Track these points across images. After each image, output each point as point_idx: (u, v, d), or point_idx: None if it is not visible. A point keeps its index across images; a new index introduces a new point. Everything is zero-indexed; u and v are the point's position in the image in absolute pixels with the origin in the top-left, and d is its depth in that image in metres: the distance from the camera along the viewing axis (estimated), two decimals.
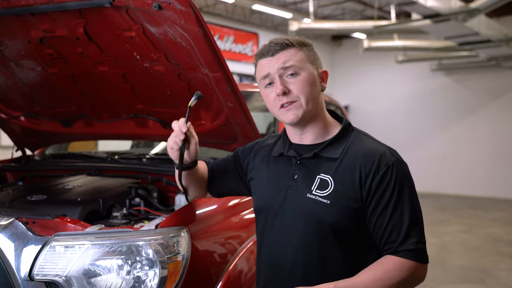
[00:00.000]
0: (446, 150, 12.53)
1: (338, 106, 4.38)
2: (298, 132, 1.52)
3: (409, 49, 11.21)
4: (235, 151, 1.76)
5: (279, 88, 1.43)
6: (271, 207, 1.52)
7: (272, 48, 1.47)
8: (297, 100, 1.44)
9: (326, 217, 1.41)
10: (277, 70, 1.45)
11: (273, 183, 1.55)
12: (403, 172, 1.42)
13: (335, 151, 1.46)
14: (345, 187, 1.41)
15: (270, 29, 12.65)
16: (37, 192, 2.20)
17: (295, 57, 1.46)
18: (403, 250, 1.37)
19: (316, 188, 1.44)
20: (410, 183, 1.43)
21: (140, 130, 2.63)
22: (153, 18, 1.84)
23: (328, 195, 1.42)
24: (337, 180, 1.42)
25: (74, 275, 1.51)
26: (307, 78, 1.45)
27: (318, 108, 1.49)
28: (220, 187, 1.74)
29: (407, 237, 1.38)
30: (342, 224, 1.41)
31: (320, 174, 1.45)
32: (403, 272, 1.36)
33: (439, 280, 5.09)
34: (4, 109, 2.75)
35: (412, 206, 1.41)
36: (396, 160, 1.43)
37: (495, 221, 8.61)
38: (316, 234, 1.43)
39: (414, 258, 1.37)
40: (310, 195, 1.44)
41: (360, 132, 1.54)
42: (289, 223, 1.47)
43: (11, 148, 3.00)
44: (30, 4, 1.93)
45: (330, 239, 1.42)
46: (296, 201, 1.47)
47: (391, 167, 1.40)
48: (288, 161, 1.54)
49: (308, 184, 1.46)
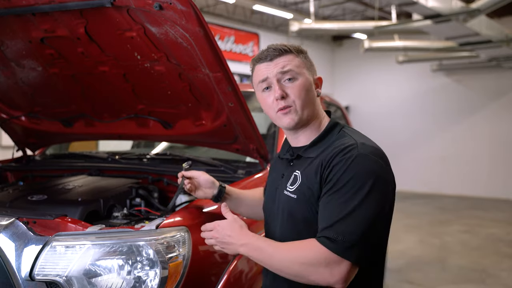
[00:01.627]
0: (446, 151, 12.53)
1: (339, 106, 4.38)
2: (292, 135, 1.58)
3: (409, 49, 11.20)
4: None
5: (278, 92, 1.47)
6: (268, 207, 1.64)
7: (270, 53, 1.51)
8: (292, 105, 1.48)
9: (296, 212, 1.46)
10: (276, 74, 1.49)
11: (271, 185, 1.66)
12: (363, 166, 1.34)
13: (314, 151, 1.50)
14: (309, 181, 1.44)
15: (270, 30, 12.65)
16: (38, 192, 2.20)
17: (293, 63, 1.50)
18: (322, 236, 1.32)
19: (290, 184, 1.51)
20: (368, 181, 1.32)
21: (140, 130, 2.63)
22: (154, 18, 1.84)
23: (294, 190, 1.48)
24: (303, 175, 1.47)
25: (75, 275, 1.51)
26: (304, 83, 1.50)
27: (314, 113, 1.53)
28: None
29: (333, 225, 1.30)
30: (311, 218, 1.42)
31: (295, 171, 1.51)
32: (311, 254, 1.30)
33: (439, 280, 5.09)
34: (5, 109, 2.75)
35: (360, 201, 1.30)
36: (360, 153, 1.36)
37: (496, 221, 8.60)
38: (292, 228, 1.48)
39: (329, 246, 1.29)
40: (285, 192, 1.51)
41: (348, 131, 1.52)
42: (276, 221, 1.55)
43: (11, 148, 3.00)
44: (31, 4, 1.93)
45: (304, 233, 1.43)
46: (280, 199, 1.54)
47: (349, 158, 1.35)
48: (284, 163, 1.63)
49: (286, 182, 1.53)
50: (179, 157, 2.60)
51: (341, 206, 1.32)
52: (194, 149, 3.06)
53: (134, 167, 2.56)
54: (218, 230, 1.49)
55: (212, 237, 1.51)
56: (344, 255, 1.29)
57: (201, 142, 2.61)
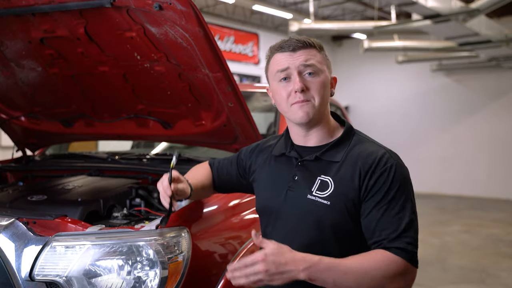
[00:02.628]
0: (446, 151, 12.54)
1: (339, 106, 4.38)
2: (302, 134, 1.52)
3: (409, 49, 11.21)
4: (238, 154, 1.78)
5: (299, 84, 1.43)
6: (272, 208, 1.54)
7: (293, 44, 1.46)
8: (311, 100, 1.45)
9: (326, 218, 1.42)
10: (298, 66, 1.44)
11: (274, 184, 1.56)
12: (403, 176, 1.41)
13: (336, 154, 1.47)
14: (344, 188, 1.42)
15: (270, 30, 12.66)
16: (38, 193, 2.20)
17: (316, 58, 1.46)
18: (394, 247, 1.33)
19: (317, 189, 1.45)
20: (409, 188, 1.42)
21: (140, 130, 2.63)
22: (154, 19, 1.84)
23: (328, 196, 1.42)
24: (337, 182, 1.43)
25: (75, 275, 1.51)
26: (324, 80, 1.47)
27: (325, 113, 1.51)
28: (226, 188, 1.82)
29: (400, 236, 1.34)
30: (342, 224, 1.41)
31: (320, 176, 1.46)
32: (391, 267, 1.30)
33: (439, 280, 5.09)
34: (5, 109, 2.75)
35: (411, 210, 1.39)
36: (397, 162, 1.43)
37: (496, 222, 8.60)
38: (317, 235, 1.43)
39: (404, 256, 1.32)
40: (310, 196, 1.45)
41: (361, 135, 1.54)
42: (290, 224, 1.48)
43: (11, 149, 3.00)
44: (30, 4, 1.94)
45: (331, 240, 1.42)
46: (297, 202, 1.47)
47: (390, 168, 1.40)
48: (288, 162, 1.55)
49: (308, 186, 1.46)
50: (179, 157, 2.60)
51: (399, 216, 1.36)
52: (194, 149, 3.06)
53: (134, 167, 2.56)
54: (268, 262, 1.25)
55: (259, 271, 1.25)
56: (413, 262, 1.34)
57: (201, 142, 2.61)
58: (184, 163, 2.38)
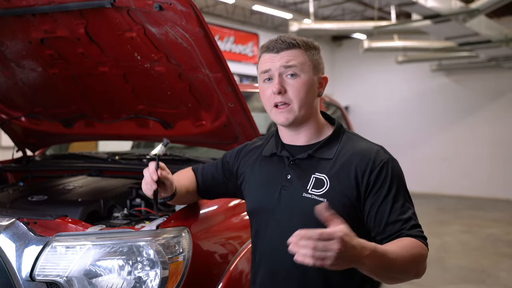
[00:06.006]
0: (446, 151, 12.54)
1: (339, 106, 4.38)
2: (291, 133, 1.53)
3: (409, 49, 11.21)
4: (222, 157, 1.75)
5: (276, 86, 1.44)
6: (265, 208, 1.52)
7: (278, 45, 1.46)
8: (290, 103, 1.45)
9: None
10: (278, 67, 1.45)
11: (266, 184, 1.54)
12: (397, 170, 1.45)
13: (328, 151, 1.48)
14: (341, 185, 1.42)
15: (270, 30, 12.65)
16: (38, 193, 2.20)
17: (299, 59, 1.46)
18: (416, 235, 1.38)
19: (312, 187, 1.45)
20: (403, 181, 1.47)
21: (140, 130, 2.63)
22: (154, 19, 1.84)
23: (324, 194, 1.42)
24: (333, 179, 1.43)
25: (75, 275, 1.52)
26: (305, 82, 1.45)
27: (312, 113, 1.50)
28: (211, 194, 1.77)
29: (414, 226, 1.40)
30: None
31: (314, 173, 1.46)
32: (421, 251, 1.35)
33: (439, 280, 5.09)
34: (5, 109, 2.75)
35: (410, 199, 1.45)
36: (390, 157, 1.46)
37: (495, 222, 8.61)
38: None
39: (424, 242, 1.38)
40: (306, 194, 1.44)
41: (351, 133, 1.56)
42: (285, 224, 1.46)
43: (11, 149, 3.00)
44: (31, 5, 1.94)
45: None
46: (292, 201, 1.47)
47: (386, 164, 1.43)
48: (280, 162, 1.54)
49: (303, 184, 1.46)
50: (179, 158, 2.60)
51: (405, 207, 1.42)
52: (194, 150, 3.06)
53: (134, 167, 2.56)
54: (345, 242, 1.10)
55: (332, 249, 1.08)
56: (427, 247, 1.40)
57: (201, 143, 2.61)
58: (184, 163, 2.38)
